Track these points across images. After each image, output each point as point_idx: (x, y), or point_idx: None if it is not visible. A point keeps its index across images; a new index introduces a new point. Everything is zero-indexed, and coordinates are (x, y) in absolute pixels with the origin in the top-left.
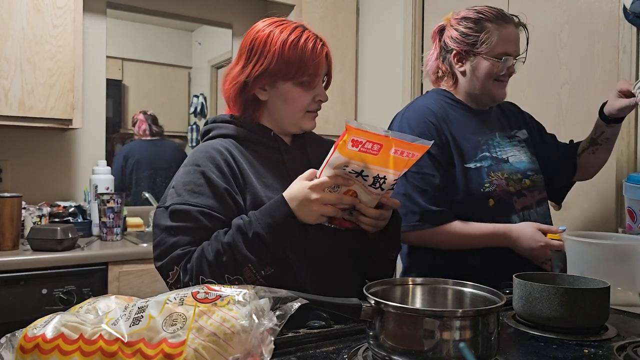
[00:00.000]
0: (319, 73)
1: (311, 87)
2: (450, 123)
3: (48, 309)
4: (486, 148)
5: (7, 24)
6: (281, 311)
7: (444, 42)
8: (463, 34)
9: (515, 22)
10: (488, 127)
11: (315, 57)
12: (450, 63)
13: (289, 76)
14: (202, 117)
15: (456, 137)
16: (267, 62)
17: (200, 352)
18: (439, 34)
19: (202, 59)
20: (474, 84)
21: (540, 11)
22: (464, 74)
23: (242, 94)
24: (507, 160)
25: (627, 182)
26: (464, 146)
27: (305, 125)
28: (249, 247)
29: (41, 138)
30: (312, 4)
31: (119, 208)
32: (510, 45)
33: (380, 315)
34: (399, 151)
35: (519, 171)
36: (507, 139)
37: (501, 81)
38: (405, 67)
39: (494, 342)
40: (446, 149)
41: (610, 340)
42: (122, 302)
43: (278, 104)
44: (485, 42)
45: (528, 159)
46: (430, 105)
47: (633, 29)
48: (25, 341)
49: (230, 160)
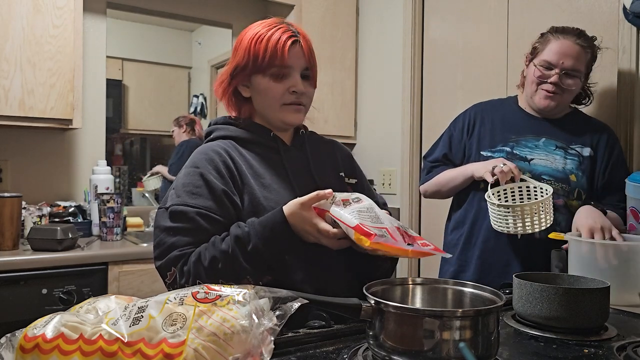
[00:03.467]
0: (286, 64)
1: (283, 78)
2: (488, 117)
3: (48, 309)
4: (512, 145)
5: (7, 24)
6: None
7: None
8: (533, 43)
9: (576, 38)
10: (538, 131)
11: (280, 48)
12: (524, 71)
13: (259, 69)
14: (202, 117)
15: (485, 128)
16: (238, 58)
17: (200, 352)
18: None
19: (202, 59)
20: (527, 88)
21: (540, 11)
22: (525, 81)
23: (227, 92)
24: (527, 160)
25: (630, 181)
26: (487, 136)
27: (287, 119)
28: (247, 261)
29: (41, 138)
30: (312, 4)
31: (119, 208)
32: (556, 56)
33: (380, 315)
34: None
35: (533, 172)
36: (553, 147)
37: (546, 90)
38: (405, 67)
39: (494, 342)
40: (468, 134)
41: (610, 340)
42: (122, 302)
43: (258, 99)
44: (539, 50)
45: (560, 167)
46: (486, 102)
47: (633, 29)
48: (25, 341)
49: (228, 161)
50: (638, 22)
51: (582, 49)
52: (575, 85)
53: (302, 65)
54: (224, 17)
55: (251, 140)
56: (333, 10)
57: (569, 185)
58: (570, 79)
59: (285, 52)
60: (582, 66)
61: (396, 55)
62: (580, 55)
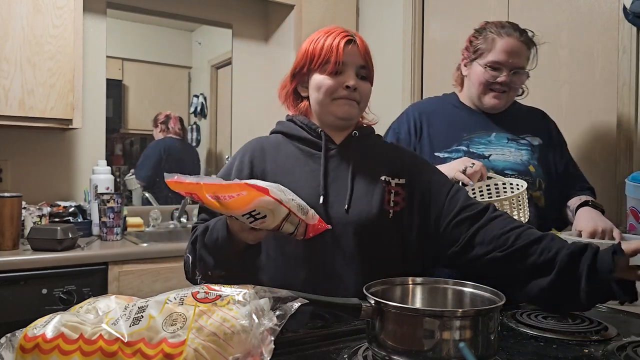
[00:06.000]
0: (340, 60)
1: (338, 74)
2: (434, 117)
3: (48, 309)
4: (466, 143)
5: (7, 24)
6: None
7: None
8: (470, 42)
9: (519, 35)
10: (487, 126)
11: (335, 46)
12: (460, 68)
13: (316, 67)
14: (202, 117)
15: (433, 128)
16: (297, 60)
17: (200, 352)
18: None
19: (202, 59)
20: (470, 88)
21: (540, 11)
22: (466, 79)
23: (287, 94)
24: (485, 157)
25: (631, 181)
26: (437, 137)
27: (337, 111)
28: (204, 247)
29: (41, 138)
30: (312, 4)
31: (119, 208)
32: (504, 55)
33: (380, 315)
34: (215, 196)
35: (494, 168)
36: (505, 140)
37: (494, 90)
38: (405, 67)
39: (494, 342)
40: (417, 136)
41: (610, 340)
42: (122, 302)
43: (313, 95)
44: (484, 50)
45: (518, 159)
46: (424, 102)
47: (633, 29)
48: (25, 341)
49: (256, 157)
50: (638, 22)
51: (524, 45)
52: (523, 82)
53: (357, 62)
54: (224, 17)
55: (298, 136)
56: (333, 10)
57: (531, 177)
58: (518, 76)
59: (340, 49)
60: (526, 62)
61: (396, 55)
62: (524, 51)
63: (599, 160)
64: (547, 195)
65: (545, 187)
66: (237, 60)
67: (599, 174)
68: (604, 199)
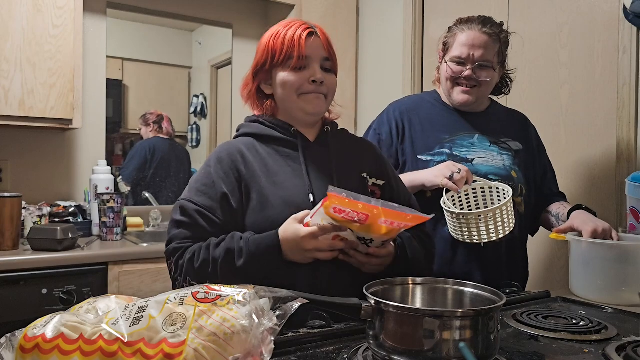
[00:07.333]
0: (304, 54)
1: (302, 69)
2: (416, 117)
3: (48, 309)
4: (449, 146)
5: (7, 24)
6: (281, 311)
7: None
8: (442, 40)
9: (481, 27)
10: (468, 128)
11: (297, 40)
12: (438, 67)
13: (278, 63)
14: (202, 117)
15: (415, 130)
16: (258, 56)
17: (200, 352)
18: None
19: (202, 59)
20: (442, 85)
21: (540, 11)
22: (441, 77)
23: (250, 93)
24: (468, 160)
25: (631, 181)
26: (420, 139)
27: (306, 107)
28: (233, 274)
29: (41, 138)
30: (312, 4)
31: (119, 208)
32: (464, 49)
33: (380, 315)
34: (389, 222)
35: (477, 172)
36: (488, 143)
37: (461, 85)
38: (405, 67)
39: (494, 342)
40: (399, 138)
41: (610, 340)
42: (122, 302)
43: (278, 92)
44: (449, 45)
45: (500, 164)
46: (405, 100)
47: (633, 29)
48: (25, 341)
49: (238, 162)
50: (638, 22)
51: (489, 37)
52: (490, 76)
53: (321, 55)
54: (224, 17)
55: (271, 137)
56: (333, 10)
57: (513, 182)
58: (484, 70)
59: (302, 43)
60: (492, 56)
61: (396, 55)
62: (489, 44)
63: (599, 160)
64: (526, 202)
65: (526, 193)
66: (237, 60)
67: (599, 173)
68: (604, 199)
